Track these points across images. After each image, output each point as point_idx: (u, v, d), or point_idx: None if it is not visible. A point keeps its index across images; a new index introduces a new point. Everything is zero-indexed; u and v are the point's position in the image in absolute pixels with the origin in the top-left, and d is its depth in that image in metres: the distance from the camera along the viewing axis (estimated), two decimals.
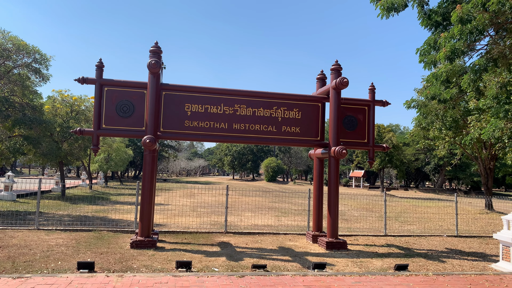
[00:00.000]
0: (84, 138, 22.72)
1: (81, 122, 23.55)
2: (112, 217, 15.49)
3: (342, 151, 11.14)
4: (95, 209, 17.82)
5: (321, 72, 13.40)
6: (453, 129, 25.51)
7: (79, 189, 32.13)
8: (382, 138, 50.11)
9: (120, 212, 17.14)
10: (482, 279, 8.11)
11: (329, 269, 8.60)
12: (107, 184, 40.85)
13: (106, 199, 24.02)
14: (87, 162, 33.26)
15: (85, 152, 25.24)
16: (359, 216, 20.13)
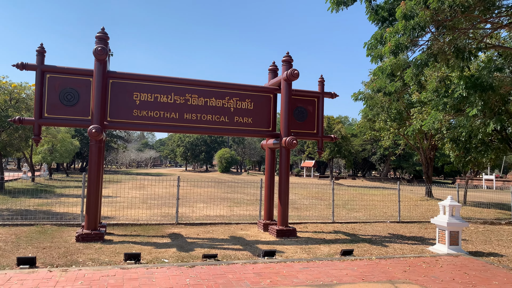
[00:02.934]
0: (25, 128, 21.41)
1: (22, 111, 22.13)
2: (57, 211, 14.81)
3: (292, 142, 11.36)
4: (38, 203, 16.93)
5: (273, 64, 13.52)
6: (397, 121, 26.80)
7: (20, 182, 30.31)
8: (331, 129, 51.60)
9: (66, 205, 16.42)
10: (420, 261, 8.67)
11: (278, 256, 8.80)
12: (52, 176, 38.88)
13: (50, 192, 22.88)
14: (28, 154, 31.42)
15: (26, 143, 23.80)
16: (309, 204, 20.70)
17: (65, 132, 35.66)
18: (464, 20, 12.68)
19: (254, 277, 6.91)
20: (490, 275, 7.65)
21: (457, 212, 10.07)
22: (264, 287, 6.37)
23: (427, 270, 7.85)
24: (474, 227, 14.67)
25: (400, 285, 6.72)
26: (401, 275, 7.35)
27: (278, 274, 7.15)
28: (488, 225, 15.44)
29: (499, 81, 15.86)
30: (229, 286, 6.38)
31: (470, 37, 14.21)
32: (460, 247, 9.93)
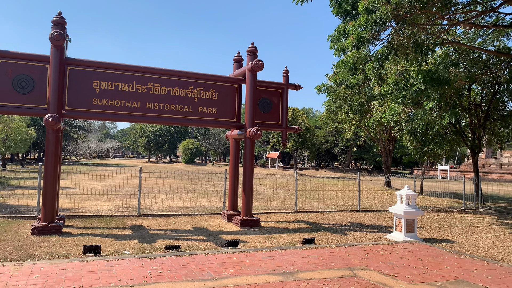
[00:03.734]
0: None
1: None
2: (11, 203, 14.14)
3: (257, 132, 11.41)
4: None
5: (237, 54, 13.45)
6: (359, 113, 27.51)
7: None
8: (296, 121, 52.22)
9: (21, 197, 15.71)
10: (378, 248, 9.00)
11: (242, 246, 8.86)
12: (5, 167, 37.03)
13: (3, 183, 21.80)
14: None
15: None
16: (273, 194, 20.93)
17: (20, 121, 34.01)
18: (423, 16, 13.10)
19: (217, 267, 6.93)
20: (442, 260, 8.06)
21: (413, 201, 10.51)
22: (227, 277, 6.40)
23: (384, 257, 8.17)
24: (429, 215, 15.37)
25: (358, 272, 6.96)
26: (360, 262, 7.61)
27: (241, 264, 7.20)
28: (442, 213, 16.23)
29: (454, 76, 16.59)
30: (192, 276, 6.37)
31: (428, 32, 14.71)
32: (415, 234, 10.38)
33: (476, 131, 20.29)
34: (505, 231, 12.20)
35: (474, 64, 17.87)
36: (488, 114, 20.08)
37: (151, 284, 5.95)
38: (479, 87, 20.83)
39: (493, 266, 7.73)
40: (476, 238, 10.97)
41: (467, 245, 10.05)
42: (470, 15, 15.18)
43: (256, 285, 6.04)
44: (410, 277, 6.76)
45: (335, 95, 26.28)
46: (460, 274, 7.02)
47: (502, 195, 27.44)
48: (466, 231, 12.17)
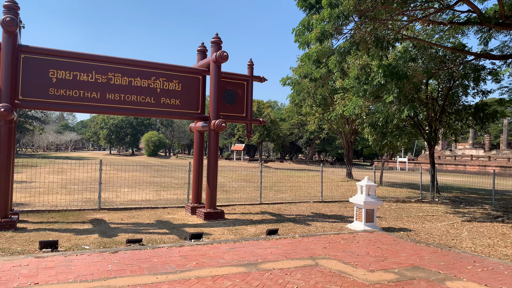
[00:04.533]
0: None
1: None
2: None
3: (221, 124, 11.34)
4: None
5: (201, 44, 13.27)
6: (322, 106, 27.96)
7: None
8: (261, 114, 52.41)
9: None
10: (339, 237, 9.24)
11: (206, 238, 8.83)
12: None
13: None
14: None
15: None
16: (238, 187, 20.97)
17: None
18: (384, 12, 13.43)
19: (180, 260, 6.87)
20: (400, 248, 8.39)
21: (372, 191, 10.85)
22: (190, 269, 6.36)
23: (345, 246, 8.40)
24: (388, 205, 15.94)
25: (320, 261, 7.11)
26: (321, 252, 7.78)
27: (205, 256, 7.18)
28: (400, 203, 16.87)
29: (413, 71, 17.17)
30: (154, 270, 6.28)
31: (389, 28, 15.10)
32: (375, 223, 10.74)
33: (433, 124, 21.16)
34: (457, 220, 12.86)
35: (432, 60, 18.58)
36: (444, 108, 20.99)
37: (112, 279, 5.82)
38: (436, 82, 21.72)
39: (446, 252, 8.14)
40: (431, 227, 11.49)
41: (422, 233, 10.51)
42: (428, 12, 15.72)
43: (219, 277, 6.04)
44: (369, 265, 6.99)
45: (299, 88, 26.59)
46: (416, 261, 7.34)
47: (456, 185, 28.88)
48: (422, 220, 12.72)
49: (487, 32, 18.01)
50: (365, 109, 20.66)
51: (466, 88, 20.50)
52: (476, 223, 12.23)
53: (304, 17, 14.47)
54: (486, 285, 6.06)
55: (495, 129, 74.56)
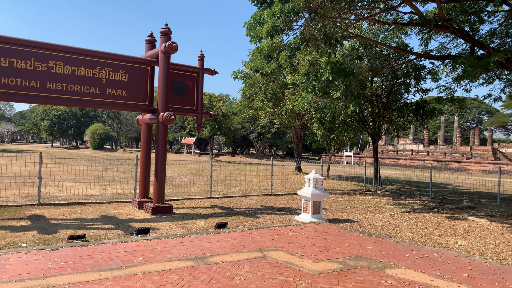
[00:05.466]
0: None
1: None
2: None
3: (170, 117, 11.11)
4: None
5: (150, 34, 12.88)
6: (273, 101, 28.28)
7: None
8: (213, 107, 52.05)
9: None
10: (287, 229, 9.43)
11: (153, 233, 8.65)
12: None
13: None
14: None
15: None
16: (188, 181, 20.72)
17: None
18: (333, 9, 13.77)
19: (125, 256, 6.68)
20: (344, 238, 8.72)
21: (319, 184, 11.16)
22: (136, 265, 6.21)
23: (292, 237, 8.59)
24: (334, 198, 16.49)
25: (268, 253, 7.23)
26: (269, 244, 7.91)
27: (151, 251, 7.04)
28: (345, 196, 17.51)
29: (359, 68, 17.82)
30: (98, 266, 6.06)
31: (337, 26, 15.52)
32: (321, 215, 11.07)
33: (377, 120, 22.12)
34: (398, 211, 13.59)
35: (377, 58, 19.38)
36: (387, 105, 22.00)
37: (51, 277, 5.54)
38: (380, 79, 22.69)
39: (387, 242, 8.58)
40: (374, 218, 12.04)
41: (366, 224, 11.00)
42: (374, 11, 16.34)
43: (166, 272, 5.96)
44: (315, 255, 7.20)
45: (251, 82, 26.68)
46: (358, 251, 7.67)
47: (397, 178, 30.47)
48: (366, 211, 13.30)
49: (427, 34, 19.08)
50: (314, 104, 21.17)
51: (407, 86, 21.60)
52: (414, 214, 12.99)
53: (256, 11, 14.48)
54: (422, 271, 6.47)
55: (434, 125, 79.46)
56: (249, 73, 26.23)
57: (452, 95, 21.11)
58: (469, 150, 53.50)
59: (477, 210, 14.42)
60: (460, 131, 59.78)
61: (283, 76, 26.89)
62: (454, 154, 53.96)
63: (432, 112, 21.73)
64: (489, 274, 6.49)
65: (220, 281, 5.65)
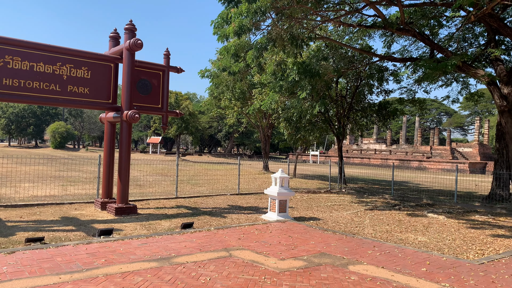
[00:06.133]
0: None
1: None
2: None
3: (134, 115, 10.88)
4: None
5: (114, 31, 12.56)
6: (241, 100, 28.30)
7: None
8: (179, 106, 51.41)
9: None
10: (254, 228, 9.46)
11: (116, 234, 8.44)
12: None
13: None
14: None
15: None
16: (153, 181, 20.38)
17: None
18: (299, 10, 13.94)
19: (87, 258, 6.48)
20: (309, 236, 8.86)
21: (286, 183, 11.27)
22: (98, 267, 6.04)
23: (258, 236, 8.63)
24: (300, 196, 16.70)
25: (234, 252, 7.22)
26: (235, 243, 7.91)
27: (114, 253, 6.86)
28: (311, 194, 17.78)
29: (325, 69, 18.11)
30: (57, 269, 5.85)
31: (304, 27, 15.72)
32: (287, 214, 11.19)
33: (341, 120, 22.60)
34: (361, 208, 13.94)
35: (342, 59, 19.79)
36: (352, 105, 22.52)
37: (7, 281, 5.29)
38: (345, 80, 23.20)
39: (350, 239, 8.78)
40: (338, 215, 12.30)
41: (330, 221, 11.21)
42: (340, 13, 16.68)
43: (129, 273, 5.83)
44: (281, 253, 7.27)
45: (218, 81, 26.57)
46: (323, 248, 7.81)
47: (361, 176, 31.26)
48: (330, 209, 13.56)
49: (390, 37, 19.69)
50: (281, 104, 21.35)
51: (371, 87, 22.21)
52: (377, 212, 13.37)
53: (223, 10, 14.42)
54: (383, 267, 6.67)
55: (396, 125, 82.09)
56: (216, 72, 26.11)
57: (413, 97, 21.90)
58: (429, 149, 55.65)
59: (435, 207, 15.03)
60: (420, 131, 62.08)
61: (251, 76, 26.94)
62: (415, 153, 55.96)
63: (394, 113, 22.44)
64: (445, 268, 6.78)
65: (185, 281, 5.60)
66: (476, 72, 15.98)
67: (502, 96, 16.33)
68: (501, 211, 14.44)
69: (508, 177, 16.47)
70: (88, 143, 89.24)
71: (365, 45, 20.37)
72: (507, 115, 16.45)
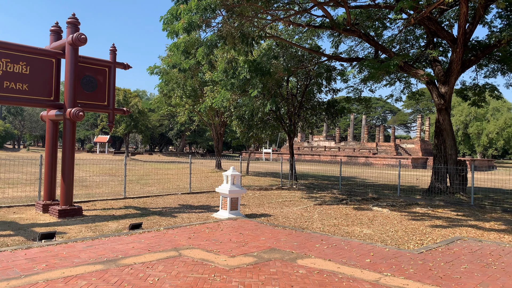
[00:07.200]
0: None
1: None
2: None
3: (78, 113, 10.42)
4: None
5: (55, 24, 11.92)
6: (192, 98, 27.96)
7: None
8: (128, 103, 49.87)
9: None
10: (205, 227, 9.41)
11: (59, 238, 8.05)
12: None
13: None
14: None
15: None
16: (100, 181, 19.64)
17: None
18: (250, 9, 14.00)
19: (26, 263, 6.13)
20: (260, 232, 8.95)
21: (237, 181, 11.31)
22: (38, 273, 5.73)
23: (209, 234, 8.60)
24: (252, 193, 16.82)
25: (184, 251, 7.14)
26: (185, 242, 7.82)
27: (57, 257, 6.55)
28: (263, 191, 17.97)
29: (275, 68, 18.35)
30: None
31: (254, 25, 15.83)
32: (239, 211, 11.23)
33: (292, 118, 23.02)
34: (311, 203, 14.30)
35: (292, 58, 20.14)
36: (302, 104, 23.00)
37: None
38: (295, 79, 23.63)
39: (299, 234, 8.98)
40: (289, 211, 12.54)
41: (281, 217, 11.40)
42: (289, 13, 16.97)
43: (73, 277, 5.59)
44: (231, 250, 7.29)
45: (168, 78, 26.08)
46: (273, 244, 7.92)
47: (311, 173, 32.04)
48: (281, 205, 13.78)
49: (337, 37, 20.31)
50: (233, 102, 21.35)
51: (320, 86, 22.79)
52: (325, 206, 13.78)
53: (172, 5, 14.13)
54: (330, 260, 6.89)
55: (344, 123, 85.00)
56: (166, 69, 25.62)
57: (360, 95, 22.77)
58: (375, 146, 58.13)
59: (380, 200, 15.75)
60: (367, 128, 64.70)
61: (202, 73, 26.69)
62: (362, 150, 58.23)
63: (342, 111, 23.20)
64: (388, 259, 7.14)
65: (132, 283, 5.46)
66: (416, 72, 16.91)
67: (440, 95, 17.40)
68: (439, 203, 15.42)
69: (445, 171, 17.60)
70: (30, 143, 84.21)
71: (314, 45, 20.86)
72: (444, 112, 17.56)
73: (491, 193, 19.77)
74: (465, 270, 6.55)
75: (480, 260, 7.20)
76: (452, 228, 10.47)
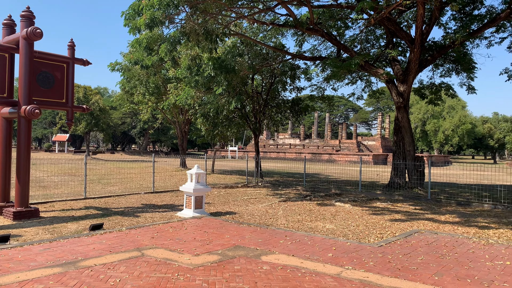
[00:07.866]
0: None
1: None
2: None
3: (34, 111, 9.97)
4: None
5: (9, 17, 11.34)
6: (155, 95, 27.45)
7: None
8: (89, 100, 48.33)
9: None
10: (168, 226, 9.29)
11: (14, 241, 7.70)
12: None
13: None
14: None
15: None
16: (60, 181, 18.94)
17: None
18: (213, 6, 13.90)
19: None
20: (225, 230, 8.94)
21: (202, 179, 11.24)
22: None
23: (173, 234, 8.50)
24: (217, 191, 16.76)
25: (146, 251, 7.02)
26: (148, 242, 7.69)
27: (11, 261, 6.26)
28: (229, 189, 17.95)
29: (240, 65, 18.35)
30: None
31: (218, 22, 15.73)
32: (203, 209, 11.17)
33: (258, 116, 23.12)
34: (276, 200, 14.43)
35: (256, 56, 20.21)
36: (267, 102, 23.14)
37: None
38: (260, 77, 23.73)
39: (264, 230, 9.05)
40: (254, 208, 12.60)
41: (246, 215, 11.44)
42: (254, 11, 17.01)
43: (28, 281, 5.36)
44: (195, 249, 7.24)
45: (130, 74, 25.48)
46: (237, 241, 7.94)
47: (277, 170, 32.34)
48: (247, 203, 13.83)
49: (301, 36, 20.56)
50: (198, 99, 21.17)
51: (284, 84, 23.02)
52: (290, 203, 13.95)
53: (134, 0, 13.79)
54: (293, 255, 7.00)
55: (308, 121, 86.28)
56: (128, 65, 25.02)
57: (323, 94, 23.17)
58: (338, 143, 59.43)
59: (342, 196, 16.13)
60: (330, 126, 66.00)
61: (165, 70, 26.25)
62: (325, 147, 59.37)
63: (306, 109, 23.55)
64: (349, 253, 7.33)
65: (92, 285, 5.31)
66: (376, 71, 17.42)
67: (399, 93, 18.03)
68: (399, 197, 16.00)
69: (404, 167, 18.27)
70: None
71: (279, 43, 21.02)
72: (403, 110, 18.21)
73: (446, 187, 20.72)
74: (421, 262, 6.84)
75: (435, 252, 7.54)
76: (410, 222, 10.89)
